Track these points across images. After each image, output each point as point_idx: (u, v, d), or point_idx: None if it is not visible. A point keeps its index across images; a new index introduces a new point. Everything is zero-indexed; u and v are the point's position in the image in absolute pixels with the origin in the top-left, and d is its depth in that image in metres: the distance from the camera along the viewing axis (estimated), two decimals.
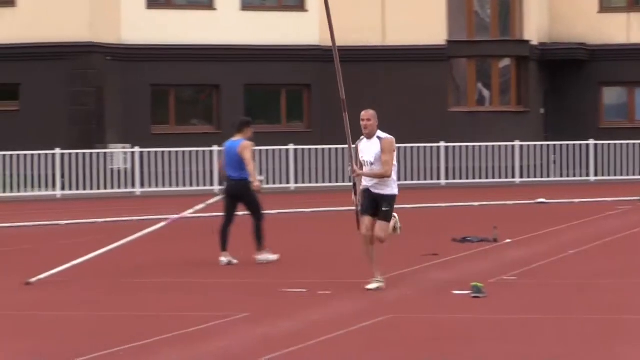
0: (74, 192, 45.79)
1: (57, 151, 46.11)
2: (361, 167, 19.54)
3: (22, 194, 44.97)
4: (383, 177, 18.94)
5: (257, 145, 47.36)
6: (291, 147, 49.00)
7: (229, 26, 53.49)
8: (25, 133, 47.33)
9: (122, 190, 46.47)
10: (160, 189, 46.61)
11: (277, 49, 53.58)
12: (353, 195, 20.18)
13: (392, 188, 19.05)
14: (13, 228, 34.25)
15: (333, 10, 49.15)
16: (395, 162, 19.27)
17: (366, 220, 19.16)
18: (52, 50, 49.81)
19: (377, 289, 19.28)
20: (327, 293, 20.77)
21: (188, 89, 55.02)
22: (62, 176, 46.15)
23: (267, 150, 48.49)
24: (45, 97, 49.61)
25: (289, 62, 54.04)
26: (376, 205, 19.02)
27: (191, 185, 47.28)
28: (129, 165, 47.86)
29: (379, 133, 18.83)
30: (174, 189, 46.66)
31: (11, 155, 45.38)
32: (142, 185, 47.08)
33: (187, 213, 27.18)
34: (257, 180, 25.20)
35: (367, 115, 18.72)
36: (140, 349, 15.33)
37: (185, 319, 17.64)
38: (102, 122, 50.51)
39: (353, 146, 20.01)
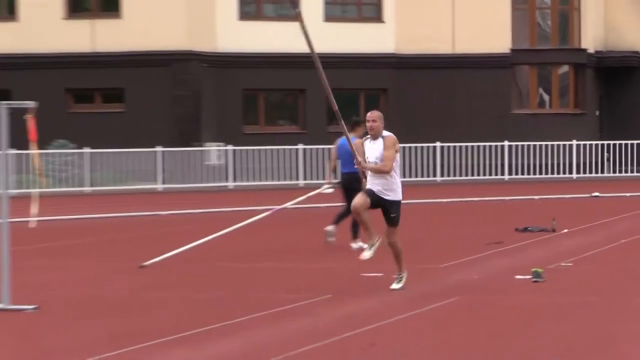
0: (174, 185, 45.90)
1: (159, 149, 46.31)
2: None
3: (127, 187, 45.10)
4: (382, 171, 17.73)
5: None
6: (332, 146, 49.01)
7: (313, 35, 53.32)
8: (130, 132, 47.53)
9: (217, 184, 46.61)
10: (251, 183, 46.68)
11: (357, 57, 53.57)
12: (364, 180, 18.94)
13: (397, 193, 17.93)
14: (121, 217, 34.34)
15: (409, 22, 49.88)
16: (397, 165, 17.87)
17: (361, 196, 17.91)
18: (154, 58, 49.98)
19: (401, 288, 18.22)
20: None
21: (276, 93, 55.05)
22: (163, 171, 46.44)
23: None
24: (148, 100, 49.80)
25: (367, 68, 54.03)
26: (378, 205, 17.89)
27: (278, 179, 47.34)
28: (222, 162, 48.00)
29: (384, 133, 17.85)
30: (262, 183, 46.73)
31: (118, 152, 45.56)
32: (235, 179, 47.16)
33: (290, 204, 27.55)
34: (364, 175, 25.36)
35: (373, 116, 17.77)
36: (233, 326, 15.43)
37: (275, 300, 17.67)
38: (198, 122, 50.70)
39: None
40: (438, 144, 50.66)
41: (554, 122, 56.40)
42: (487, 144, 51.29)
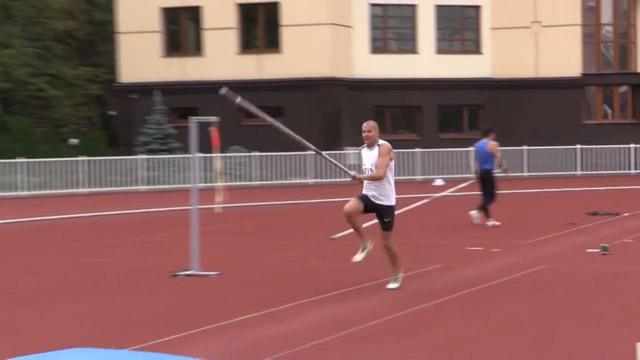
0: (322, 180, 45.99)
1: (308, 152, 46.41)
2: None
3: (284, 181, 45.32)
4: (376, 178, 15.31)
5: (447, 147, 47.68)
6: (471, 149, 48.78)
7: (427, 64, 53.45)
8: (287, 140, 47.57)
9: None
10: None
11: (461, 80, 53.45)
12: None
13: (390, 199, 15.47)
14: (283, 204, 34.62)
15: (501, 53, 49.50)
16: (391, 171, 15.57)
17: (354, 201, 15.51)
18: (306, 83, 50.22)
19: (397, 287, 15.44)
20: (497, 251, 20.86)
21: (398, 109, 54.99)
22: (315, 168, 46.67)
23: (452, 151, 48.47)
24: (301, 115, 49.97)
25: (469, 89, 53.88)
26: (372, 210, 15.57)
27: (399, 175, 47.17)
28: (358, 162, 48.07)
29: (379, 141, 15.63)
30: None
31: (278, 155, 45.81)
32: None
33: (448, 192, 28.70)
34: (506, 169, 27.52)
35: (368, 126, 15.57)
36: (369, 288, 15.66)
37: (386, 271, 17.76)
38: (339, 132, 50.88)
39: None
40: (525, 147, 50.34)
41: (615, 130, 55.91)
42: (563, 147, 50.82)
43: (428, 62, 53.67)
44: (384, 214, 15.50)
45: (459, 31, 56.95)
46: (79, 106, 59.15)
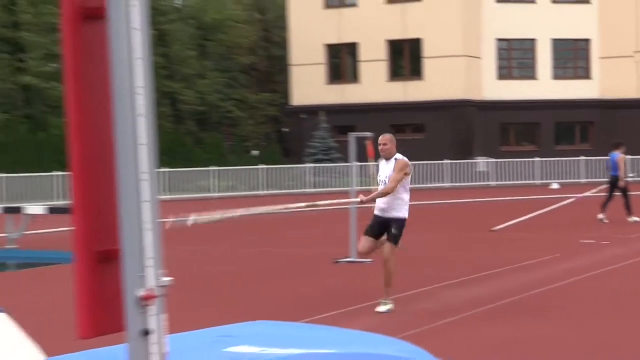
0: (456, 184, 45.65)
1: (446, 162, 46.25)
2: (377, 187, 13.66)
3: (426, 185, 45.16)
4: (385, 194, 13.09)
5: (562, 157, 46.92)
6: (582, 158, 47.95)
7: (545, 88, 52.71)
8: (428, 152, 47.50)
9: (483, 183, 46.21)
10: (508, 181, 46.12)
11: (574, 101, 52.50)
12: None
13: (402, 212, 13.06)
14: (438, 204, 34.40)
15: (608, 78, 48.28)
16: (407, 186, 13.35)
17: (364, 240, 13.48)
18: (443, 105, 49.98)
19: (387, 311, 12.76)
20: (607, 243, 20.59)
21: (520, 125, 54.23)
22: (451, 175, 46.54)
23: (566, 160, 47.81)
24: (439, 131, 49.89)
25: (581, 108, 52.89)
26: (384, 229, 13.17)
27: (518, 180, 46.69)
28: (487, 169, 47.70)
29: (397, 155, 13.57)
30: (511, 182, 46.12)
31: (421, 164, 45.68)
32: (496, 180, 46.77)
33: (588, 194, 28.59)
34: (624, 179, 26.34)
35: (384, 140, 13.44)
36: (492, 275, 15.62)
37: (520, 258, 17.66)
38: (471, 145, 50.51)
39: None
40: (629, 157, 49.38)
41: None
42: None
43: (546, 86, 52.94)
44: (392, 225, 12.97)
45: (572, 60, 55.98)
46: (260, 125, 60.03)
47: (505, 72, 53.86)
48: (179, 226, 12.02)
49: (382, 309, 12.60)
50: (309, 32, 52.99)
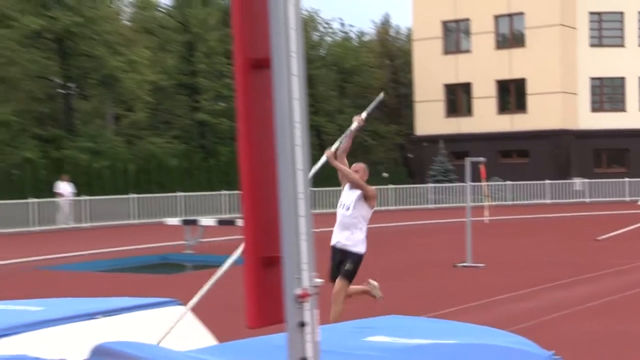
0: (557, 200, 44.70)
1: (547, 181, 45.36)
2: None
3: (529, 202, 44.32)
4: (351, 179, 10.55)
5: None
6: None
7: (633, 118, 51.25)
8: (530, 173, 46.82)
9: (579, 199, 45.11)
10: (601, 198, 44.96)
11: None
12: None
13: (359, 247, 10.57)
14: (537, 217, 33.89)
15: None
16: (368, 218, 10.89)
17: (335, 286, 10.67)
18: (544, 134, 49.22)
19: None
20: None
21: (611, 150, 52.58)
22: (551, 192, 45.65)
23: None
24: (540, 156, 49.26)
25: None
26: (341, 260, 10.62)
27: (608, 197, 45.38)
28: (583, 188, 46.64)
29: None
30: (604, 199, 44.91)
31: (522, 184, 44.96)
32: (590, 197, 45.65)
33: None
34: None
35: (357, 167, 10.95)
36: (596, 277, 15.29)
37: (607, 264, 17.20)
38: (568, 168, 49.47)
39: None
40: None
41: None
42: None
43: (633, 117, 51.40)
44: (347, 259, 10.45)
45: None
46: (389, 151, 60.09)
47: (598, 105, 52.55)
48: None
49: None
50: (430, 73, 52.89)
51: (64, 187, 33.91)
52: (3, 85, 39.84)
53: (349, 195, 10.62)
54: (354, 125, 10.50)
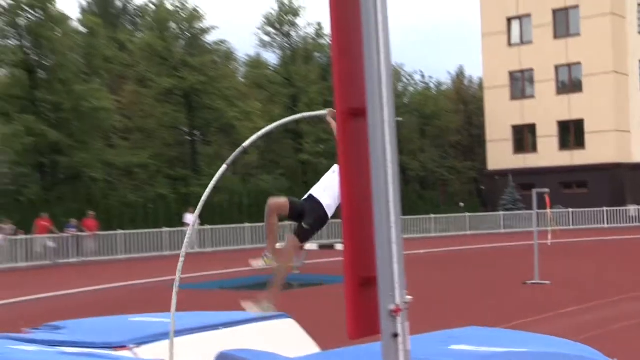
0: (614, 225, 43.31)
1: (604, 208, 43.99)
2: None
3: (589, 225, 43.06)
4: None
5: None
6: None
7: None
8: (590, 202, 45.51)
9: (633, 224, 43.57)
10: None
11: None
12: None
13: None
14: (594, 240, 32.94)
15: None
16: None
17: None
18: (600, 167, 48.17)
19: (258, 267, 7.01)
20: None
21: None
22: (606, 218, 44.21)
23: None
24: (598, 186, 47.99)
25: None
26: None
27: None
28: (637, 214, 45.18)
29: None
30: None
31: (582, 210, 43.79)
32: None
33: None
34: None
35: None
36: None
37: None
38: (624, 196, 47.96)
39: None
40: None
41: None
42: None
43: None
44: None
45: None
46: (464, 184, 59.32)
47: None
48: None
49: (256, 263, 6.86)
50: (499, 116, 52.38)
51: (190, 218, 34.56)
52: (142, 134, 40.99)
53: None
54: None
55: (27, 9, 34.99)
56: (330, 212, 6.81)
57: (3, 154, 36.32)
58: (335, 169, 6.90)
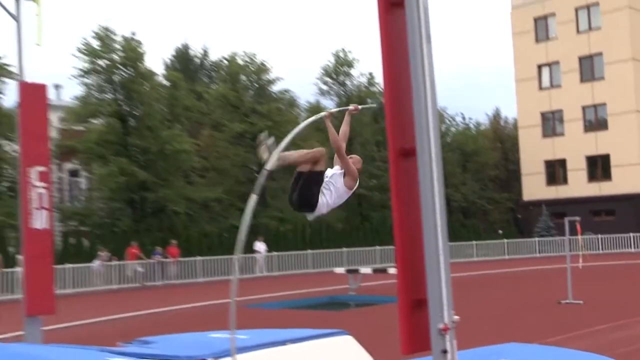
0: (638, 249, 41.93)
1: (631, 234, 42.53)
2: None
3: (616, 250, 41.70)
4: (337, 146, 6.51)
5: None
6: None
7: None
8: (617, 228, 44.06)
9: None
10: None
11: None
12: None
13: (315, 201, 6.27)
14: (624, 264, 31.93)
15: None
16: (337, 193, 6.30)
17: None
18: (627, 197, 46.91)
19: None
20: None
21: None
22: None
23: None
24: (625, 214, 46.68)
25: None
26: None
27: None
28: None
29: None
30: None
31: (610, 236, 42.47)
32: None
33: None
34: None
35: (353, 156, 6.74)
36: None
37: None
38: None
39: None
40: None
41: None
42: None
43: None
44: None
45: None
46: (502, 214, 58.24)
47: None
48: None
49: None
50: (533, 152, 51.73)
51: (260, 246, 34.75)
52: (217, 173, 41.49)
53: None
54: (351, 107, 6.91)
55: (120, 67, 36.00)
56: (321, 204, 6.29)
57: (100, 191, 37.15)
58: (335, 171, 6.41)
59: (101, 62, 35.60)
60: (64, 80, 68.55)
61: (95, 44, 35.36)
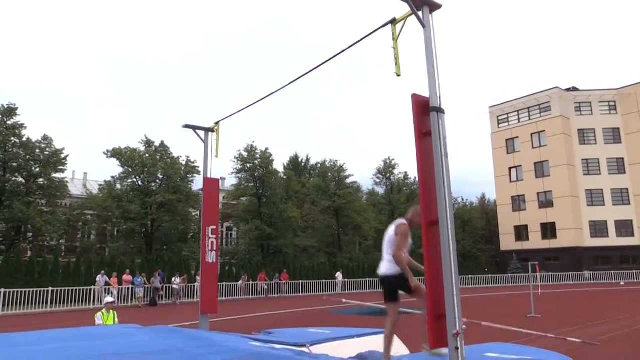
0: (573, 282, 38.47)
1: (570, 273, 39.18)
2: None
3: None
4: (399, 261, 4.10)
5: None
6: None
7: None
8: (563, 269, 40.76)
9: (586, 281, 38.54)
10: (592, 281, 38.04)
11: None
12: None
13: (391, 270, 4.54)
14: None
15: None
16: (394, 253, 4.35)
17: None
18: (566, 249, 43.49)
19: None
20: None
21: (601, 254, 45.13)
22: None
23: None
24: (566, 261, 43.18)
25: None
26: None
27: (597, 279, 38.33)
28: (589, 276, 39.90)
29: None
30: (598, 281, 37.91)
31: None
32: (592, 279, 38.90)
33: None
34: None
35: (413, 211, 4.09)
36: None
37: None
38: (581, 265, 42.67)
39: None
40: None
41: None
42: None
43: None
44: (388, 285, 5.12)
45: None
46: (487, 258, 54.80)
47: (598, 233, 45.88)
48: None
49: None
50: (507, 221, 49.43)
51: (339, 275, 34.33)
52: (312, 230, 41.51)
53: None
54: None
55: (258, 167, 37.43)
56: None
57: (243, 240, 37.92)
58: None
59: (248, 165, 37.13)
60: (226, 174, 71.15)
61: (244, 155, 36.67)
